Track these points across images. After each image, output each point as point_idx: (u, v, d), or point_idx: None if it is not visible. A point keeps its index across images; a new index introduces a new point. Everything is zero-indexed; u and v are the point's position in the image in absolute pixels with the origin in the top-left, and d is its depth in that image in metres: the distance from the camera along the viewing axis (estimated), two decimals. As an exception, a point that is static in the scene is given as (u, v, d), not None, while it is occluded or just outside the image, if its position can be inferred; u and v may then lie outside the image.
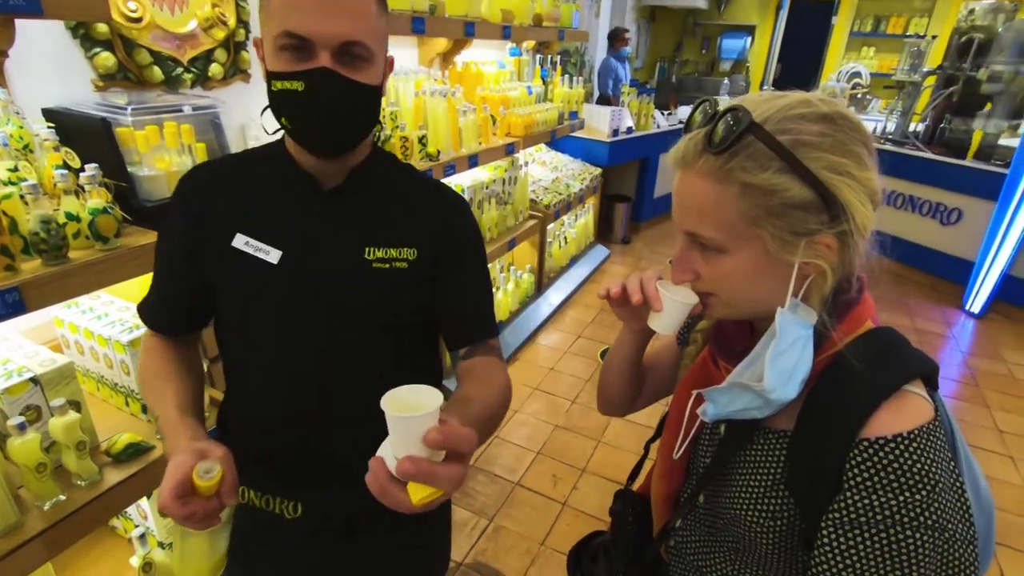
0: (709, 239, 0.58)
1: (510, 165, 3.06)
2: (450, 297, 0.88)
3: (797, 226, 0.55)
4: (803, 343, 0.57)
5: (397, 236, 0.84)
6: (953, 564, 0.53)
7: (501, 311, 3.09)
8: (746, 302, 0.62)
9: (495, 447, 2.35)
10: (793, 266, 0.57)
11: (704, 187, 0.57)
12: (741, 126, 0.53)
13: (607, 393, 0.89)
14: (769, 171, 0.54)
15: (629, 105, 4.40)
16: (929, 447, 0.53)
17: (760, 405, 0.58)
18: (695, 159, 0.57)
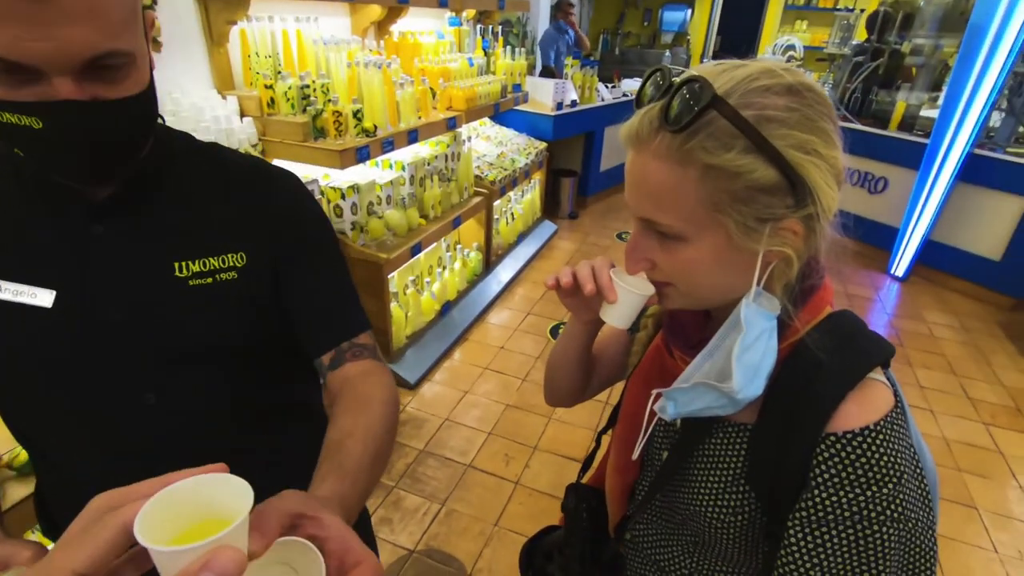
0: (667, 227, 0.53)
1: (452, 140, 2.97)
2: (299, 298, 0.72)
3: (762, 211, 0.50)
4: (768, 335, 0.54)
5: (216, 240, 0.67)
6: (915, 551, 0.53)
7: (449, 291, 3.03)
8: (706, 292, 0.58)
9: (445, 430, 2.32)
10: (757, 254, 0.53)
11: (661, 169, 0.51)
12: (702, 101, 0.47)
13: (555, 385, 0.85)
14: (733, 151, 0.48)
15: (573, 78, 4.35)
16: (893, 438, 0.52)
17: (724, 404, 0.55)
18: (650, 137, 0.51)
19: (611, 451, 0.78)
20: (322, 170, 2.30)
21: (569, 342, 0.78)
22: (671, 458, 0.66)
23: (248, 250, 0.68)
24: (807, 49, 5.89)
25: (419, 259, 2.76)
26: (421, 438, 2.26)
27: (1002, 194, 3.47)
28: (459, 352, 2.88)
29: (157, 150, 0.66)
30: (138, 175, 0.64)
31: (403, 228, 2.53)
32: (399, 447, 2.20)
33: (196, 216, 0.67)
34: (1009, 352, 3.17)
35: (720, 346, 0.57)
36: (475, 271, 3.37)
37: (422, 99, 2.61)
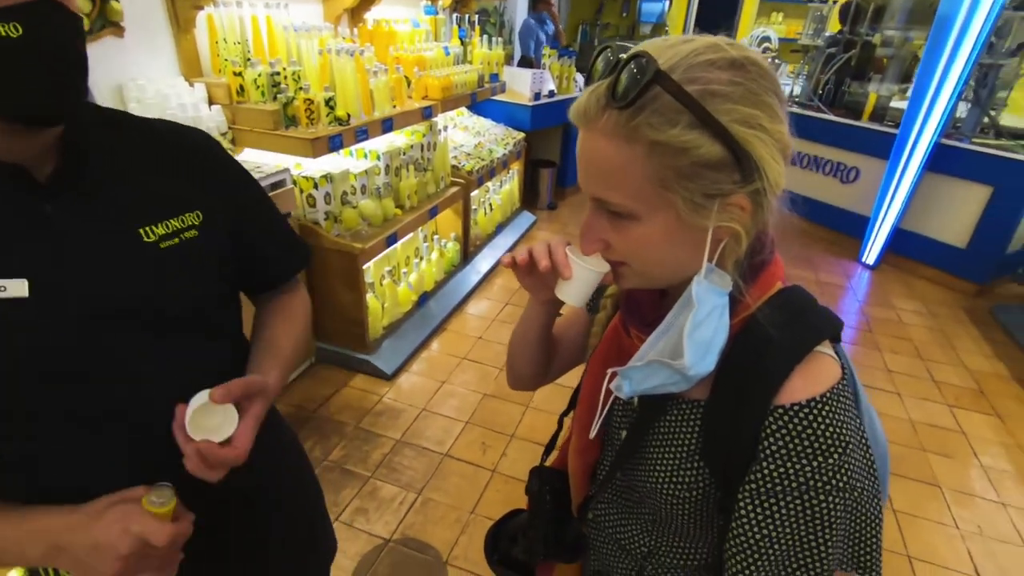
0: (617, 205, 0.53)
1: (428, 130, 2.95)
2: (255, 243, 0.79)
3: (709, 187, 0.51)
4: (719, 312, 0.54)
5: (167, 203, 0.68)
6: (861, 520, 0.54)
7: (426, 282, 3.01)
8: (659, 270, 0.58)
9: (422, 420, 2.32)
10: (707, 231, 0.53)
11: (609, 147, 0.51)
12: (646, 76, 0.47)
13: (515, 368, 0.85)
14: (678, 127, 0.48)
15: (550, 68, 4.34)
16: (839, 408, 0.53)
17: (678, 380, 0.55)
18: (598, 115, 0.51)
19: (572, 432, 0.78)
20: (294, 159, 2.27)
21: (528, 323, 0.78)
22: (629, 436, 0.66)
23: (200, 207, 0.70)
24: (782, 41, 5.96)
25: (395, 250, 2.74)
26: (398, 428, 2.26)
27: (968, 183, 3.56)
28: (437, 342, 2.87)
29: (86, 120, 0.65)
30: (72, 142, 0.61)
31: (378, 218, 2.51)
32: (375, 437, 2.20)
33: (139, 184, 0.67)
34: (973, 336, 3.26)
35: (674, 323, 0.57)
36: (453, 262, 3.36)
37: (397, 88, 2.58)
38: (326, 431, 2.21)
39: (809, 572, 0.54)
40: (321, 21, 2.72)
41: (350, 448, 2.14)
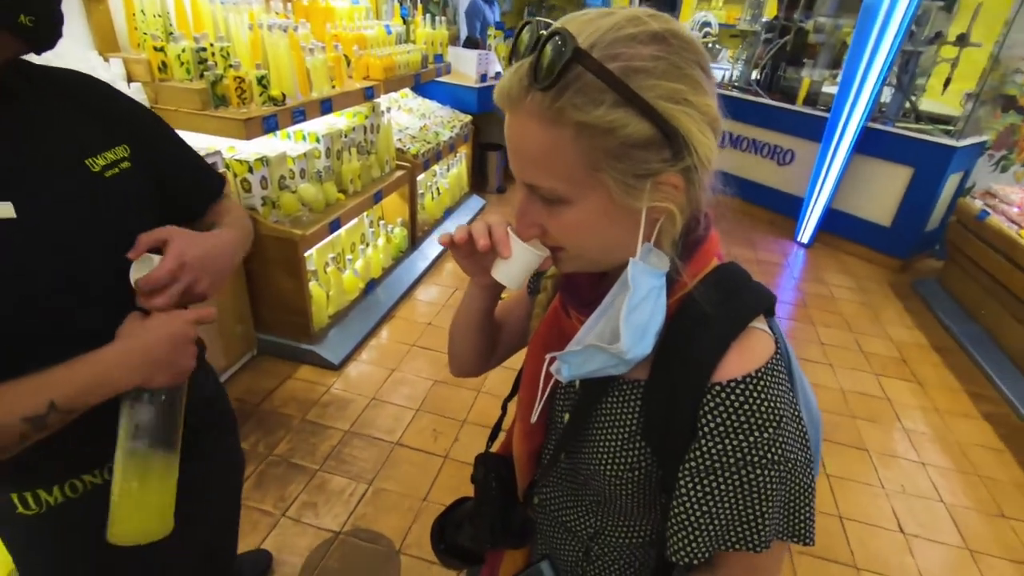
0: (548, 190, 0.51)
1: (370, 111, 2.85)
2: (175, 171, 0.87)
3: (640, 167, 0.49)
4: (656, 293, 0.54)
5: (97, 137, 0.74)
6: (795, 490, 0.56)
7: (373, 268, 2.94)
8: (597, 254, 0.57)
9: (372, 410, 2.27)
10: (641, 212, 0.51)
11: (535, 131, 0.49)
12: (565, 55, 0.45)
13: (458, 354, 0.83)
14: (603, 106, 0.46)
15: (496, 49, 4.28)
16: (773, 383, 0.54)
17: (616, 364, 0.54)
18: (522, 96, 0.48)
19: (516, 418, 0.77)
20: (226, 141, 2.15)
21: (469, 308, 0.76)
22: (572, 419, 0.66)
23: (126, 141, 0.77)
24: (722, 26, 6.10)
25: (339, 236, 2.66)
26: (347, 419, 2.21)
27: (892, 164, 3.77)
28: (386, 330, 2.82)
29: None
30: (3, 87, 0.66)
31: (319, 203, 2.41)
32: (323, 429, 2.14)
33: (64, 123, 0.72)
34: (897, 309, 3.48)
35: (611, 305, 0.56)
36: (400, 247, 3.30)
37: (335, 67, 2.48)
38: (270, 425, 2.14)
39: (748, 544, 0.55)
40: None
41: (296, 441, 2.08)
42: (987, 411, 2.62)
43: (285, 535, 1.73)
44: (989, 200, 3.22)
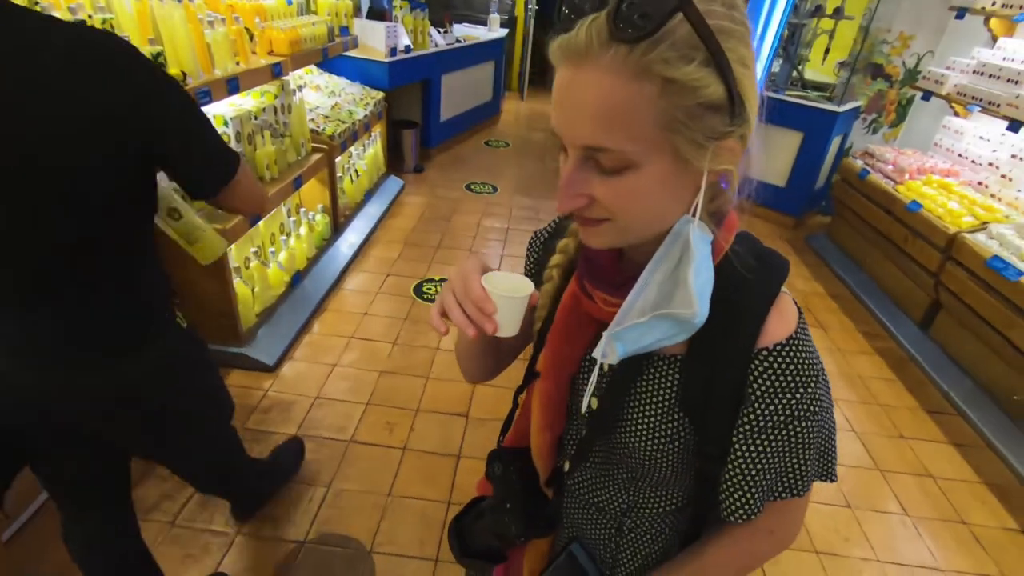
0: (618, 153, 0.48)
1: (280, 90, 2.63)
2: None
3: (709, 130, 0.48)
4: (707, 258, 0.53)
5: None
6: (827, 435, 0.61)
7: (298, 260, 2.76)
8: (644, 223, 0.54)
9: (317, 409, 2.16)
10: (702, 175, 0.50)
11: (614, 86, 0.45)
12: (670, 3, 0.42)
13: (469, 371, 0.84)
14: (694, 63, 0.44)
15: (403, 21, 4.09)
16: (807, 342, 0.57)
17: (676, 333, 0.53)
18: (601, 49, 0.45)
19: (535, 409, 0.74)
20: (119, 129, 1.88)
21: (469, 343, 0.75)
22: (604, 404, 0.65)
23: None
24: None
25: (258, 228, 2.46)
26: (291, 422, 2.08)
27: (784, 130, 4.09)
28: (318, 324, 2.67)
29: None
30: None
31: (236, 193, 2.20)
32: (265, 436, 2.00)
33: None
34: (795, 262, 3.83)
35: (650, 280, 0.55)
36: (323, 235, 3.11)
37: (238, 41, 2.24)
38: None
39: (794, 491, 0.60)
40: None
41: (239, 453, 1.93)
42: (879, 347, 2.97)
43: (244, 554, 1.62)
44: (868, 160, 3.59)
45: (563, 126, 0.50)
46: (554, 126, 0.51)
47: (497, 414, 2.23)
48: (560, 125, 0.50)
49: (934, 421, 2.47)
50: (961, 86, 3.11)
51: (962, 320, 2.67)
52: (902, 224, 3.07)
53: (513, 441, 0.84)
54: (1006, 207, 2.85)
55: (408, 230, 3.65)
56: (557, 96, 0.49)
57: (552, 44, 0.48)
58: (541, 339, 0.73)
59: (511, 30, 6.75)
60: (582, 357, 0.68)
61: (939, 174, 3.21)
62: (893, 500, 2.06)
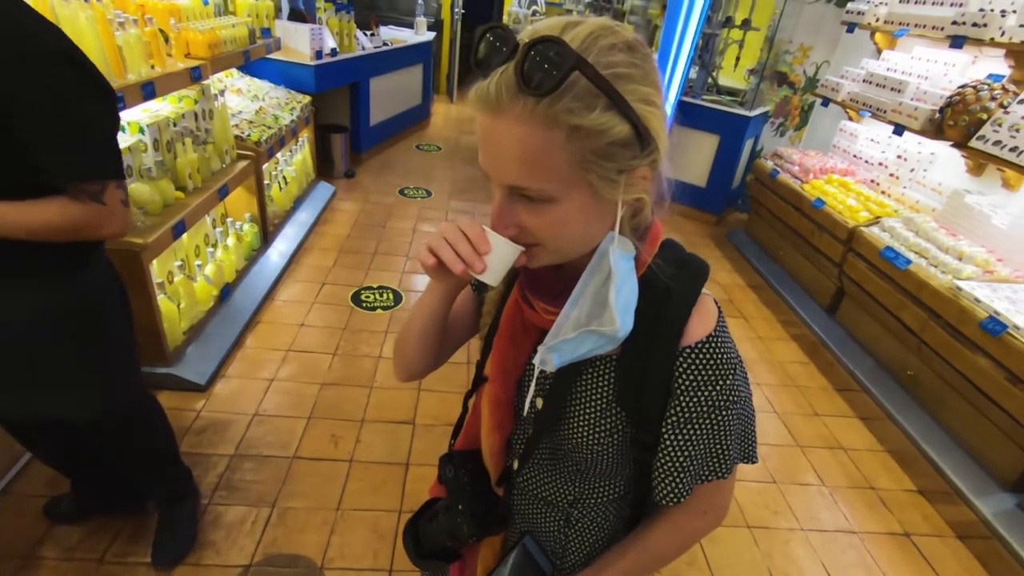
0: (537, 191, 0.53)
1: (200, 95, 2.50)
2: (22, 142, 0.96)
3: (620, 163, 0.54)
4: (629, 273, 0.59)
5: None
6: (746, 420, 0.67)
7: (226, 272, 2.64)
8: (572, 246, 0.61)
9: (257, 426, 2.08)
10: (618, 203, 0.56)
11: (526, 134, 0.50)
12: (568, 62, 0.47)
13: (410, 360, 0.81)
14: (596, 110, 0.50)
15: (328, 23, 3.99)
16: (726, 338, 0.64)
17: (605, 343, 0.59)
18: (511, 102, 0.50)
19: (484, 412, 0.78)
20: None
21: (431, 310, 0.74)
22: (548, 404, 0.70)
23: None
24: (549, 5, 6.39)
25: (182, 240, 2.33)
26: (229, 442, 1.99)
27: (703, 133, 4.34)
28: (252, 338, 2.56)
29: None
30: None
31: (157, 205, 2.08)
32: (203, 458, 1.91)
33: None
34: (717, 257, 4.08)
35: (583, 292, 0.60)
36: (253, 245, 2.99)
37: (153, 44, 2.12)
38: (135, 467, 1.84)
39: (718, 473, 0.67)
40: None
41: (173, 478, 1.83)
42: (794, 333, 3.23)
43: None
44: (777, 161, 3.89)
45: (488, 167, 0.56)
46: (481, 164, 0.56)
47: (444, 419, 2.24)
48: (486, 166, 0.56)
49: (843, 398, 2.72)
50: (853, 94, 3.43)
51: (862, 305, 2.96)
52: (809, 219, 3.35)
53: (464, 444, 0.87)
54: (895, 203, 3.18)
55: (343, 237, 3.57)
56: (480, 139, 0.55)
57: (470, 93, 0.53)
58: (488, 344, 0.77)
59: (438, 33, 6.73)
60: (526, 361, 0.72)
61: (838, 173, 3.53)
62: (812, 473, 2.25)
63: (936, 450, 2.36)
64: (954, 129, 2.70)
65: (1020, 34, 2.48)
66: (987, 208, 2.67)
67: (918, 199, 3.12)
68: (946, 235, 2.66)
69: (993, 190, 2.85)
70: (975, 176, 2.94)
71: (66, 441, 1.47)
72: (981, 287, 2.29)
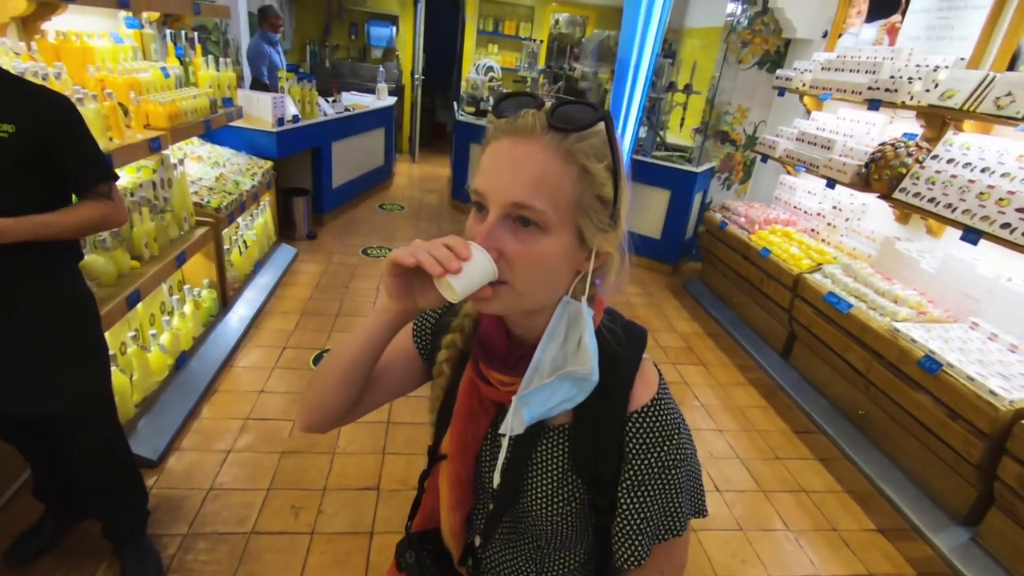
0: (539, 212, 0.56)
1: (159, 165, 2.52)
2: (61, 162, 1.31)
3: (601, 220, 0.60)
4: (592, 326, 0.63)
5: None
6: (694, 476, 0.70)
7: (182, 340, 2.58)
8: (539, 291, 0.61)
9: (212, 502, 1.99)
10: (591, 255, 0.61)
11: (548, 159, 0.56)
12: (598, 114, 0.56)
13: (322, 401, 0.72)
14: (603, 163, 0.58)
15: (290, 92, 4.11)
16: (668, 400, 0.68)
17: (575, 394, 0.61)
18: (540, 132, 0.57)
19: (443, 490, 0.77)
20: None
21: (368, 338, 0.68)
22: (506, 478, 0.70)
23: (14, 121, 1.20)
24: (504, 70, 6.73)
25: (136, 310, 2.28)
26: (182, 520, 1.90)
27: (655, 188, 4.56)
28: (208, 408, 2.49)
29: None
30: None
31: (111, 276, 2.06)
32: (154, 539, 1.80)
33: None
34: (675, 306, 4.21)
35: (544, 355, 0.63)
36: (211, 312, 2.94)
37: (111, 117, 2.15)
38: (79, 554, 1.73)
39: (673, 532, 0.68)
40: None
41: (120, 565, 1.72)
42: (751, 378, 3.32)
43: None
44: (725, 213, 4.11)
45: (497, 184, 0.57)
46: (480, 186, 0.58)
47: (410, 483, 2.19)
48: (493, 184, 0.57)
49: (802, 440, 2.79)
50: (789, 151, 3.70)
51: (812, 348, 3.09)
52: (757, 268, 3.52)
53: (421, 524, 0.85)
54: (834, 250, 3.38)
55: (304, 299, 3.55)
56: (493, 161, 0.59)
57: (495, 123, 0.60)
58: (439, 426, 0.78)
59: (399, 97, 6.97)
60: (484, 436, 0.74)
61: (781, 224, 3.75)
62: (777, 518, 2.28)
63: (892, 488, 2.43)
64: (879, 182, 2.93)
65: (926, 98, 2.75)
66: (916, 253, 2.87)
67: (854, 246, 3.33)
68: (881, 279, 2.84)
69: (920, 237, 3.07)
70: (903, 224, 3.17)
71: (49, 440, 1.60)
72: (916, 328, 2.44)
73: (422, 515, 0.85)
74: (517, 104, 0.60)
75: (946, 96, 2.62)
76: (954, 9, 3.01)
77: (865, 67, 3.16)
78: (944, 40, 3.05)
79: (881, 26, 3.53)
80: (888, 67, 3.02)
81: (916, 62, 2.96)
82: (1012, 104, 2.30)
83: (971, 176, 2.49)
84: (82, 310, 1.48)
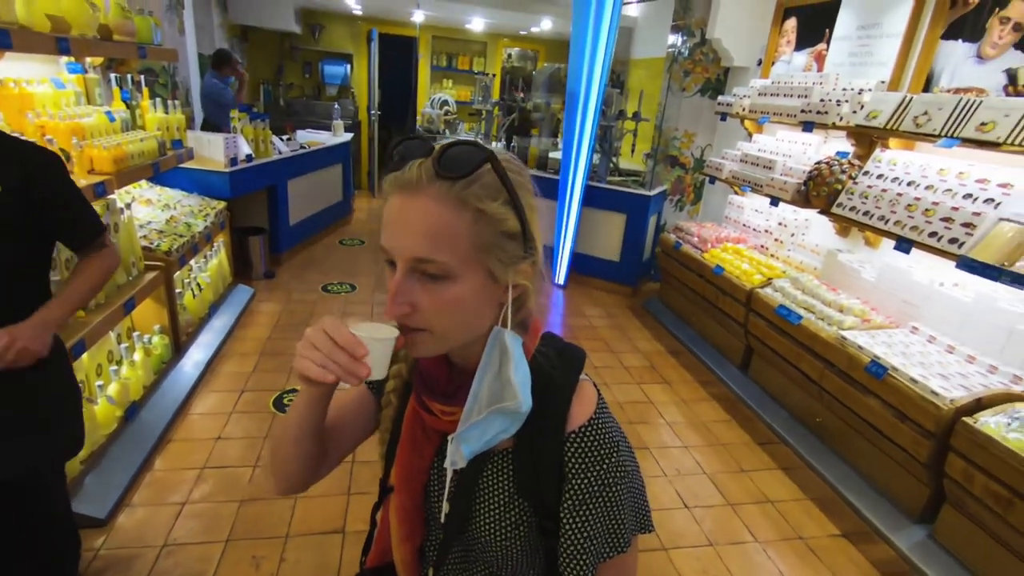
0: (441, 264, 0.57)
1: (104, 210, 2.46)
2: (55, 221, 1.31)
3: (511, 254, 0.61)
4: (522, 356, 0.64)
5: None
6: (636, 492, 0.71)
7: (132, 390, 2.48)
8: (459, 332, 0.64)
9: (166, 559, 1.90)
10: (508, 289, 0.63)
11: (439, 211, 0.57)
12: (482, 155, 0.57)
13: (287, 469, 0.75)
14: (498, 201, 0.59)
15: (243, 132, 4.09)
16: (606, 418, 0.69)
17: (509, 425, 0.62)
18: (428, 183, 0.57)
19: (394, 523, 0.77)
20: None
21: (306, 413, 0.70)
22: (455, 507, 0.71)
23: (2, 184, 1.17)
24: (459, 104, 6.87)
25: (81, 361, 2.19)
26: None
27: (611, 213, 4.68)
28: (161, 459, 2.38)
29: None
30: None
31: (52, 326, 1.97)
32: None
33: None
34: (637, 326, 4.28)
35: (480, 387, 0.64)
36: (163, 358, 2.84)
37: (52, 164, 2.10)
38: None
39: (618, 549, 0.69)
40: (-94, 82, 2.03)
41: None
42: (713, 392, 3.39)
43: None
44: (679, 233, 4.24)
45: (396, 242, 0.59)
46: (384, 243, 0.61)
47: (376, 523, 2.13)
48: (393, 241, 0.60)
49: (765, 451, 2.85)
50: (734, 172, 3.87)
51: (768, 360, 3.18)
52: (712, 285, 3.63)
53: (377, 558, 0.85)
54: (782, 264, 3.53)
55: (263, 339, 3.47)
56: (390, 218, 0.60)
57: (386, 178, 0.61)
58: (389, 458, 0.79)
59: (356, 133, 7.00)
60: (429, 466, 0.75)
61: (732, 241, 3.89)
62: (745, 530, 2.31)
63: (852, 492, 2.50)
64: (818, 198, 3.09)
65: (854, 119, 2.94)
66: (857, 264, 3.02)
67: (801, 260, 3.48)
68: (827, 290, 2.97)
69: (859, 248, 3.24)
70: (843, 237, 3.34)
71: None
72: (862, 335, 2.55)
73: (376, 550, 0.84)
74: (405, 154, 0.61)
75: (871, 116, 2.81)
76: (872, 37, 3.25)
77: (797, 92, 3.36)
78: (866, 65, 3.28)
79: (809, 53, 3.77)
80: (818, 91, 3.22)
81: (843, 86, 3.17)
82: (929, 122, 2.48)
83: (899, 190, 2.65)
84: (63, 362, 1.46)
